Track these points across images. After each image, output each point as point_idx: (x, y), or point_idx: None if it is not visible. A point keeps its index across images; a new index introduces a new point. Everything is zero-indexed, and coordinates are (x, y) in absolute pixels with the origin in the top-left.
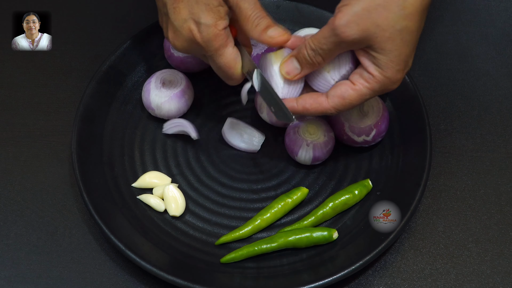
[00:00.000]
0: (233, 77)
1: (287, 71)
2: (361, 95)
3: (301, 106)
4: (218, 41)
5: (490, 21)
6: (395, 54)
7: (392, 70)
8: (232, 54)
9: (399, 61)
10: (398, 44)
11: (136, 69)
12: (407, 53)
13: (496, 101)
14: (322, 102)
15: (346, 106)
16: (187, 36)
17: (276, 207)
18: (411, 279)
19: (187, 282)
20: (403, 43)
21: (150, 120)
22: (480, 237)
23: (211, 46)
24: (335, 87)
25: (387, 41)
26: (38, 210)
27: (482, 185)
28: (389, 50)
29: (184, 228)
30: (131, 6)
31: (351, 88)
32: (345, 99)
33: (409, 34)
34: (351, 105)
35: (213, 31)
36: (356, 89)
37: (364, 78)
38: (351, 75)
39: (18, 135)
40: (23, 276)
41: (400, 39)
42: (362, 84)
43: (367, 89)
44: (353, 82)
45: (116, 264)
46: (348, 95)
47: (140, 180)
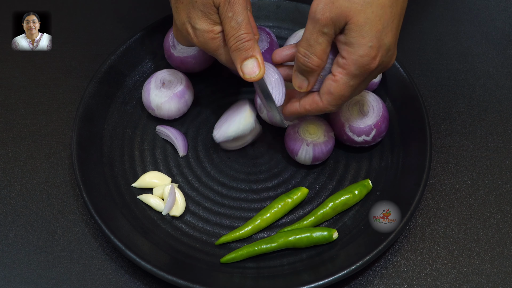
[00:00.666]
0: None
1: (298, 86)
2: (344, 84)
3: (303, 107)
4: (215, 43)
5: (490, 21)
6: (366, 29)
7: (363, 48)
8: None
9: (371, 36)
10: (369, 17)
11: (136, 69)
12: (379, 28)
13: (496, 101)
14: (318, 102)
15: (338, 99)
16: (186, 36)
17: (276, 207)
18: (411, 279)
19: (187, 282)
20: (374, 16)
21: (150, 120)
22: (480, 237)
23: (209, 48)
24: (323, 84)
25: (359, 14)
26: (38, 210)
27: (482, 185)
28: (360, 25)
29: (184, 228)
30: (131, 6)
31: (333, 80)
32: (333, 93)
33: (380, 7)
34: (343, 97)
35: (208, 36)
36: (337, 80)
37: (340, 65)
38: (332, 67)
39: (18, 135)
40: (23, 276)
41: (370, 12)
42: (340, 72)
43: (346, 76)
44: (333, 74)
45: (116, 264)
46: (333, 89)
47: (140, 180)
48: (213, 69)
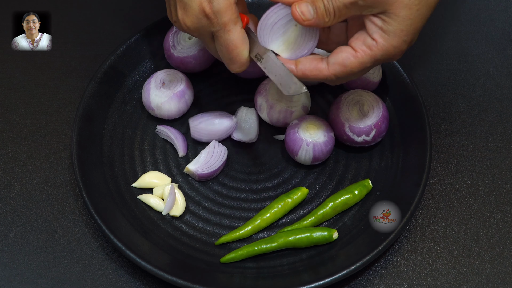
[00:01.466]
0: (238, 59)
1: (302, 11)
2: (362, 63)
3: (301, 71)
4: (228, 14)
5: (490, 21)
6: (408, 23)
7: (399, 39)
8: (240, 33)
9: (409, 31)
10: (413, 14)
11: (136, 69)
12: (418, 26)
13: (496, 101)
14: (322, 69)
15: (346, 73)
16: (197, 9)
17: (276, 207)
18: (411, 279)
19: (187, 282)
20: (418, 15)
21: (150, 120)
22: (480, 237)
23: (221, 19)
24: (336, 53)
25: (404, 8)
26: (38, 210)
27: (482, 185)
28: (403, 18)
29: (184, 228)
30: (131, 6)
31: (352, 55)
32: (346, 66)
33: (426, 7)
34: (352, 73)
35: (223, 2)
36: (357, 57)
37: (367, 45)
38: (352, 41)
39: (18, 135)
40: (23, 276)
41: (416, 9)
42: (364, 51)
43: (369, 57)
44: (355, 48)
45: (116, 264)
46: (349, 63)
47: (140, 180)
48: (213, 69)
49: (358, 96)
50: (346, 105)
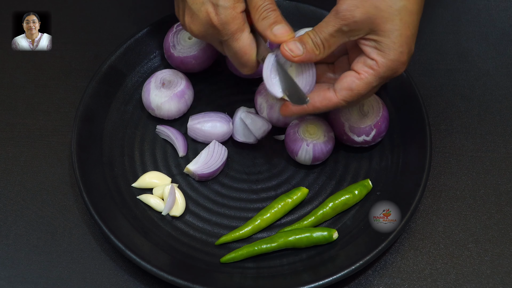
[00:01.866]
0: (248, 63)
1: (290, 48)
2: (368, 83)
3: (311, 106)
4: (235, 24)
5: (490, 21)
6: (396, 34)
7: (395, 52)
8: (248, 39)
9: (401, 42)
10: (398, 25)
11: (136, 69)
12: (408, 35)
13: (496, 101)
14: (331, 98)
15: (355, 97)
16: (204, 19)
17: (276, 207)
18: (411, 279)
19: (187, 282)
20: (402, 24)
21: (150, 120)
22: (480, 237)
23: (228, 30)
24: (341, 79)
25: (387, 22)
26: (38, 210)
27: (482, 185)
28: (389, 31)
29: (184, 228)
30: (131, 6)
31: (357, 78)
32: (353, 90)
33: (408, 14)
34: (360, 95)
35: (230, 13)
36: (362, 78)
37: (368, 65)
38: (354, 65)
39: (18, 135)
40: (23, 276)
41: (399, 20)
42: (367, 72)
43: (373, 76)
44: (357, 71)
45: (116, 264)
46: (355, 86)
47: (140, 180)
48: (213, 69)
49: None
50: None
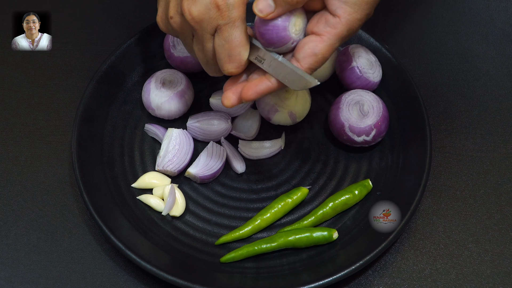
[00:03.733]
0: (238, 58)
1: (260, 9)
2: (331, 45)
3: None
4: (240, 10)
5: (490, 21)
6: None
7: (362, 13)
8: (246, 32)
9: (370, 3)
10: None
11: (136, 69)
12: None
13: (496, 101)
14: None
15: (320, 62)
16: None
17: (276, 207)
18: (411, 279)
19: (187, 282)
20: None
21: (150, 120)
22: (480, 237)
23: (232, 13)
24: (301, 47)
25: None
26: (38, 210)
27: (482, 185)
28: None
29: (184, 228)
30: (131, 6)
31: (319, 41)
32: (317, 54)
33: None
34: (324, 60)
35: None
36: (324, 40)
37: (330, 24)
38: (314, 26)
39: (18, 135)
40: (23, 276)
41: None
42: (329, 32)
43: (335, 37)
44: (318, 34)
45: (116, 264)
46: (319, 50)
47: (140, 181)
48: None
49: (358, 96)
50: (346, 105)
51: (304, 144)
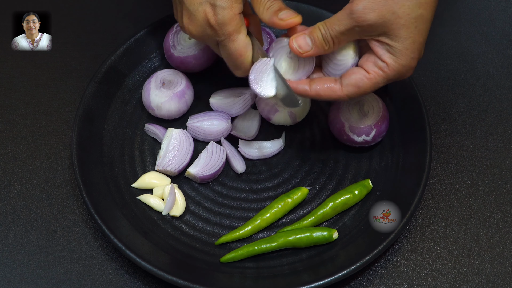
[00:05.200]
0: (242, 65)
1: (299, 45)
2: (376, 83)
3: (314, 91)
4: (232, 25)
5: (490, 21)
6: (410, 41)
7: (406, 58)
8: (244, 41)
9: (414, 49)
10: (412, 32)
11: (136, 69)
12: (421, 41)
13: (496, 101)
14: (336, 90)
15: (360, 94)
16: (201, 19)
17: (276, 207)
18: (411, 279)
19: (187, 282)
20: (417, 31)
21: (150, 120)
22: (480, 237)
23: (225, 30)
24: (349, 75)
25: (402, 28)
26: (38, 210)
27: (482, 185)
28: (403, 38)
29: (184, 228)
30: (131, 6)
31: (366, 77)
32: (360, 88)
33: (424, 22)
34: (365, 93)
35: (228, 14)
36: (370, 78)
37: (378, 66)
38: (363, 62)
39: (18, 135)
40: (23, 276)
41: (414, 27)
42: (377, 73)
43: (381, 78)
44: (367, 70)
45: (116, 264)
46: (363, 84)
47: (140, 181)
48: (213, 69)
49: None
50: (346, 105)
51: (304, 144)
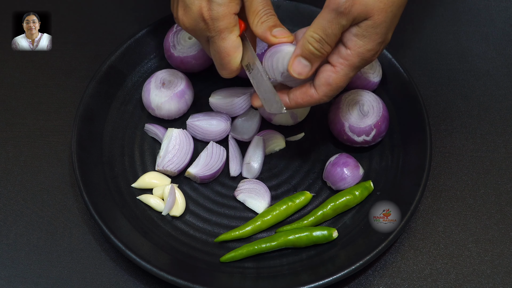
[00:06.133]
0: (228, 66)
1: (298, 72)
2: (344, 75)
3: (294, 102)
4: (225, 22)
5: (490, 21)
6: (382, 26)
7: (373, 43)
8: (234, 42)
9: (383, 33)
10: (389, 17)
11: (136, 69)
12: (390, 26)
13: (496, 101)
14: (312, 95)
15: (335, 90)
16: (196, 12)
17: (278, 209)
18: (411, 279)
19: (187, 282)
20: (392, 16)
21: (150, 120)
22: (480, 237)
23: (217, 26)
24: (318, 75)
25: (381, 13)
26: (38, 210)
27: (482, 185)
28: (380, 22)
29: (184, 228)
30: (131, 6)
31: (332, 72)
32: (331, 84)
33: (398, 7)
34: (340, 88)
35: (223, 11)
36: (337, 71)
37: (342, 56)
38: (330, 56)
39: (18, 135)
40: (23, 276)
41: (390, 11)
42: (342, 63)
43: (347, 67)
44: (333, 64)
45: (116, 264)
46: (332, 80)
47: (140, 181)
48: (213, 69)
49: (358, 96)
50: (346, 105)
51: (304, 144)
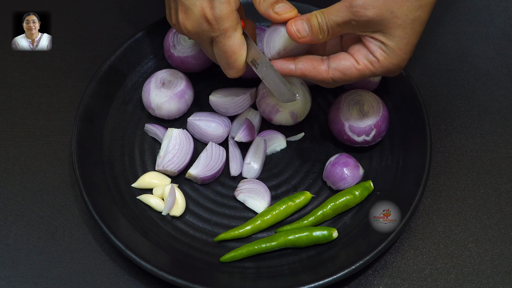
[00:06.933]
0: (235, 64)
1: (297, 29)
2: (362, 74)
3: (300, 71)
4: (230, 20)
5: (490, 21)
6: (404, 42)
7: (398, 58)
8: (239, 39)
9: (406, 50)
10: (408, 33)
11: (136, 69)
12: (414, 43)
13: (496, 101)
14: (321, 72)
15: (344, 81)
16: (198, 13)
17: (277, 209)
18: (411, 279)
19: (187, 282)
20: (412, 33)
21: (150, 120)
22: (480, 237)
23: (222, 25)
24: (338, 59)
25: (398, 28)
26: (38, 210)
27: (482, 185)
28: (398, 38)
29: (184, 228)
30: (131, 6)
31: (354, 67)
32: (346, 75)
33: (420, 24)
34: (350, 81)
35: (226, 9)
36: (359, 69)
37: (369, 60)
38: (354, 52)
39: (18, 135)
40: (23, 276)
41: (410, 28)
42: (366, 65)
43: (369, 71)
44: (357, 61)
45: (116, 264)
46: (350, 73)
47: (140, 181)
48: (213, 69)
49: (358, 96)
50: (346, 105)
51: (304, 144)
